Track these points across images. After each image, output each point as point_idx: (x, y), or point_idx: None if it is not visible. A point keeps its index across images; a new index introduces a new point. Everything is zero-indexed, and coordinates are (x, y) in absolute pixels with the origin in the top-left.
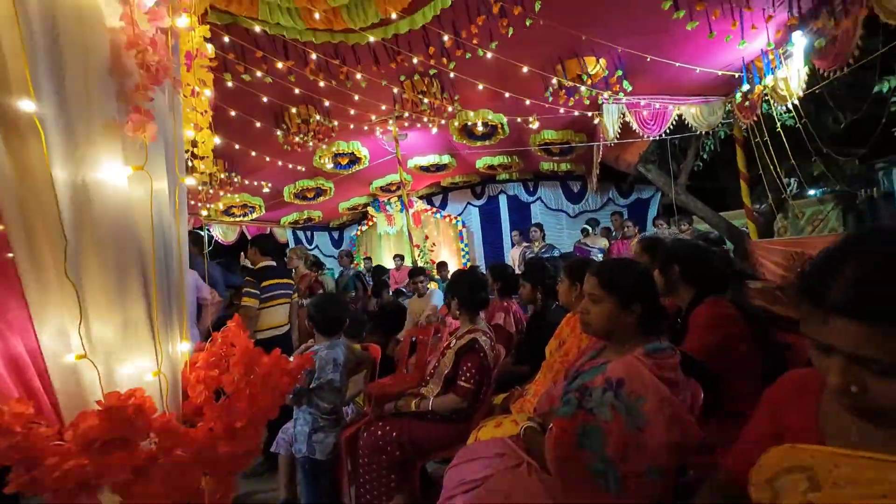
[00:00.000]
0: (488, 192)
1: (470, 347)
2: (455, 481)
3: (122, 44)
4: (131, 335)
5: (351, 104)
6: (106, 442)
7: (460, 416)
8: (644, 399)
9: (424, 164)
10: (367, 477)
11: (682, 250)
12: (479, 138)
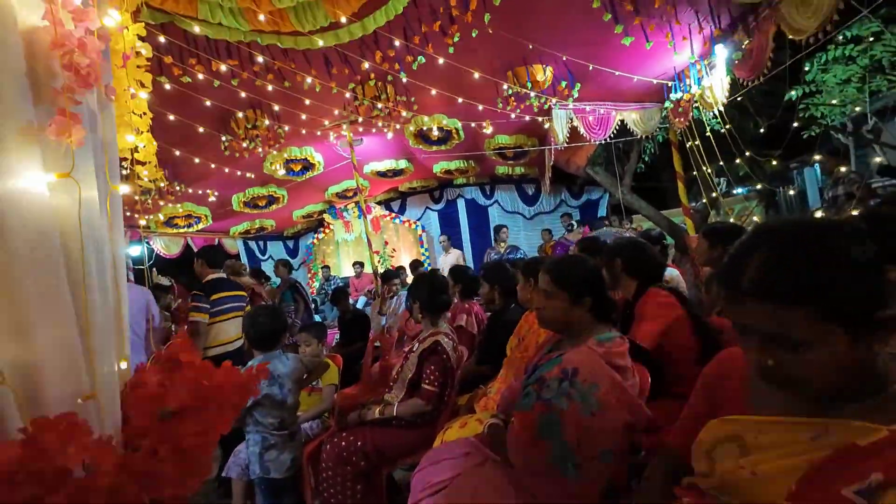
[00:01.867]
0: (446, 196)
1: (433, 350)
2: (422, 485)
3: (43, 44)
4: (57, 357)
5: (302, 109)
6: (31, 474)
7: (425, 419)
8: (597, 386)
9: (381, 169)
10: (332, 491)
11: (623, 245)
12: (436, 143)
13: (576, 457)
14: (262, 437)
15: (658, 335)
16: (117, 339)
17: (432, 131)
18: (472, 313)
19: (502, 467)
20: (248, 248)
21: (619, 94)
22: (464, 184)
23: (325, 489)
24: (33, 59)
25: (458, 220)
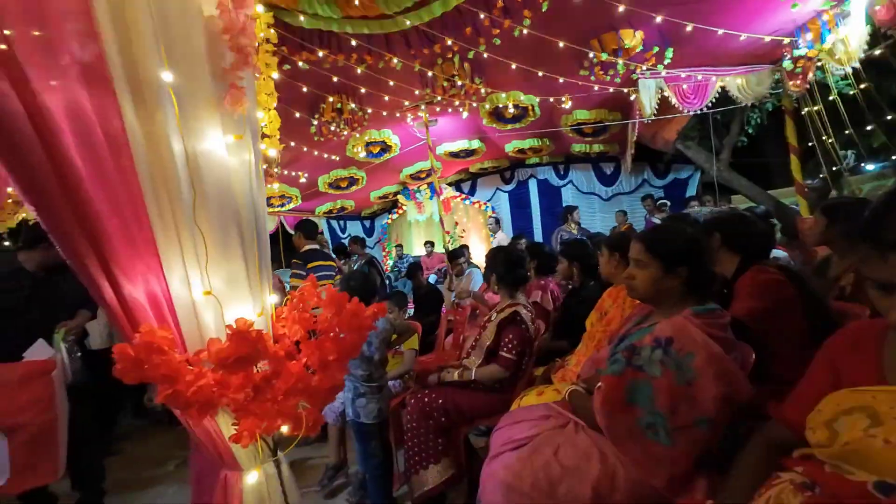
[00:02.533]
0: (518, 176)
1: (511, 320)
2: (502, 440)
3: (216, 29)
4: (233, 286)
5: (385, 90)
6: (234, 361)
7: (502, 385)
8: (693, 355)
9: (454, 149)
10: (416, 440)
11: (723, 218)
12: (510, 121)
13: (669, 424)
14: (353, 385)
15: (759, 314)
16: (267, 277)
17: (507, 109)
18: (547, 290)
19: (585, 430)
20: (330, 226)
21: (722, 57)
22: (536, 163)
23: (409, 438)
24: (211, 43)
25: (529, 200)
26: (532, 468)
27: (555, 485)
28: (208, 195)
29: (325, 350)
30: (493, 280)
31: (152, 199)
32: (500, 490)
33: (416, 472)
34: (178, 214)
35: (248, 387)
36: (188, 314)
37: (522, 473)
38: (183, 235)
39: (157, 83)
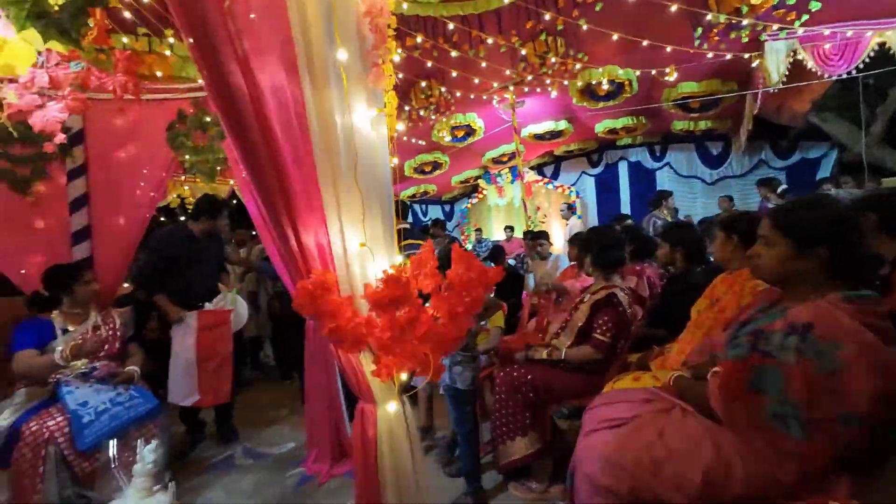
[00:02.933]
0: (606, 159)
1: (608, 302)
2: (598, 418)
3: (360, 13)
4: (374, 242)
5: (475, 72)
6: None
7: (594, 367)
8: (840, 344)
9: (539, 131)
10: (504, 412)
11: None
12: (602, 98)
13: (804, 416)
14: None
15: None
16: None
17: (601, 85)
18: (643, 276)
19: (694, 416)
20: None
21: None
22: (628, 145)
23: (497, 409)
24: (358, 25)
25: (618, 185)
26: (634, 447)
27: (660, 465)
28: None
29: (455, 302)
30: (588, 261)
31: (319, 165)
32: (599, 463)
33: (502, 442)
34: (338, 178)
35: (391, 328)
36: (341, 263)
37: (624, 450)
38: (340, 196)
39: (325, 63)
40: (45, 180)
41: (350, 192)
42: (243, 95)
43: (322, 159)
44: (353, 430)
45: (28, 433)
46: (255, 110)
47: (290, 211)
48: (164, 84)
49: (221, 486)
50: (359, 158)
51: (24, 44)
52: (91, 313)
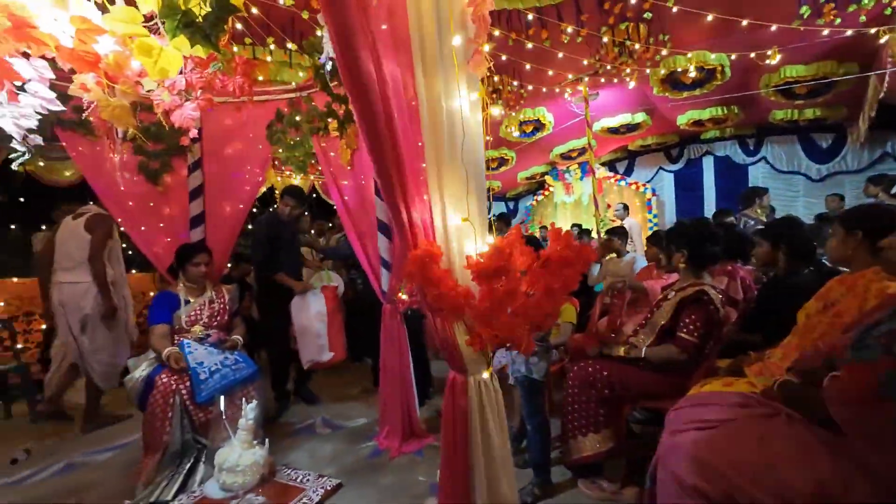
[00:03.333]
0: (689, 153)
1: (696, 299)
2: (685, 418)
3: (465, 2)
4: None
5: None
6: (492, 271)
7: (677, 368)
8: None
9: (613, 124)
10: (576, 406)
11: None
12: (688, 87)
13: None
14: None
15: None
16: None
17: (688, 73)
18: (736, 277)
19: (805, 424)
20: None
21: None
22: (716, 138)
23: (569, 404)
24: (462, 16)
25: (701, 182)
26: (730, 450)
27: (760, 472)
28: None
29: (551, 279)
30: (680, 255)
31: (426, 145)
32: (688, 462)
33: (573, 437)
34: (441, 158)
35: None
36: (442, 238)
37: (717, 453)
38: (443, 175)
39: (434, 51)
40: (170, 172)
41: (453, 171)
42: (372, 80)
43: (429, 140)
44: (444, 400)
45: (160, 383)
46: (381, 93)
47: (402, 186)
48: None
49: (304, 449)
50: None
51: (174, 51)
52: (207, 288)
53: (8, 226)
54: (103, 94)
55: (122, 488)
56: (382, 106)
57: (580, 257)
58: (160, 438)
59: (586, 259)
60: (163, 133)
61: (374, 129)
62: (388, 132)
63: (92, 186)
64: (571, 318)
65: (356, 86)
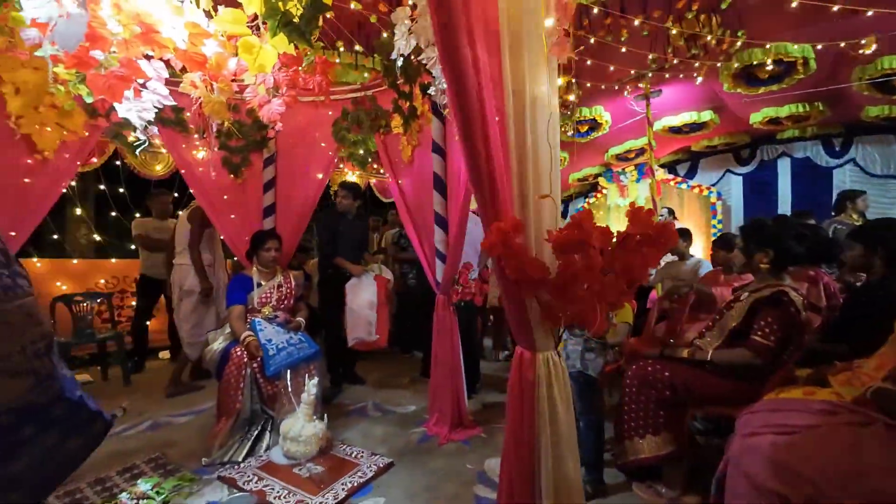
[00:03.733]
0: (762, 155)
1: (775, 301)
2: (761, 422)
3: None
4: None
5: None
6: (573, 243)
7: (749, 373)
8: None
9: (676, 123)
10: (633, 407)
11: None
12: (764, 82)
13: None
14: (584, 339)
15: None
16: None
17: (765, 66)
18: (818, 283)
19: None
20: None
21: None
22: (794, 137)
23: (626, 403)
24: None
25: (776, 186)
26: (818, 456)
27: (852, 478)
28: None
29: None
30: (760, 257)
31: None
32: (766, 465)
33: (629, 438)
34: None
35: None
36: (519, 213)
37: (801, 458)
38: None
39: (522, 35)
40: (248, 167)
41: (536, 149)
42: (468, 63)
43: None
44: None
45: (235, 356)
46: (476, 74)
47: (489, 167)
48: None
49: (357, 429)
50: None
51: (270, 48)
52: (277, 273)
53: (109, 213)
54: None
55: (198, 447)
56: (477, 85)
57: (662, 235)
58: (233, 406)
59: (669, 238)
60: (244, 129)
61: (466, 106)
62: (480, 109)
63: (184, 178)
64: (628, 318)
65: (451, 67)
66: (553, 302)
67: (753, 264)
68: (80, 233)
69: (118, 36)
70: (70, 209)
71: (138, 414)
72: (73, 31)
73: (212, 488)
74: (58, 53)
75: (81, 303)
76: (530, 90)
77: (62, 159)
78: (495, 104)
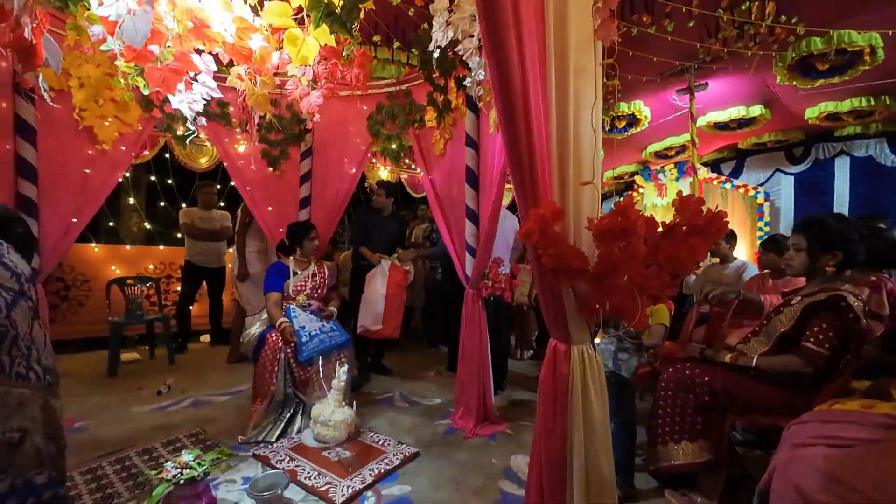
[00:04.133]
0: (818, 153)
1: (830, 306)
2: (811, 434)
3: None
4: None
5: (655, 50)
6: (617, 231)
7: (798, 381)
8: None
9: (722, 119)
10: (668, 411)
11: None
12: (823, 74)
13: None
14: (618, 339)
15: None
16: None
17: (826, 56)
18: (881, 289)
19: None
20: None
21: None
22: (856, 134)
23: (660, 407)
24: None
25: (832, 187)
26: (878, 471)
27: None
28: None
29: (675, 248)
30: (829, 259)
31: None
32: (818, 477)
33: (662, 443)
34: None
35: (606, 263)
36: (559, 200)
37: (861, 472)
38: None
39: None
40: (286, 159)
41: (579, 133)
42: (511, 44)
43: (553, 104)
44: (543, 370)
45: (270, 341)
46: (519, 55)
47: (531, 156)
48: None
49: (385, 418)
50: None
51: (313, 40)
52: (311, 263)
53: (158, 203)
54: (251, 83)
55: (235, 426)
56: (521, 74)
57: (712, 225)
58: (268, 388)
59: (719, 229)
60: (283, 122)
61: (510, 93)
62: (523, 97)
63: (227, 170)
64: (665, 319)
65: (497, 57)
66: (591, 293)
67: (816, 268)
68: (132, 220)
69: (173, 31)
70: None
71: (181, 392)
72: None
73: (247, 464)
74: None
75: (133, 286)
76: (574, 72)
77: (119, 151)
78: (538, 86)
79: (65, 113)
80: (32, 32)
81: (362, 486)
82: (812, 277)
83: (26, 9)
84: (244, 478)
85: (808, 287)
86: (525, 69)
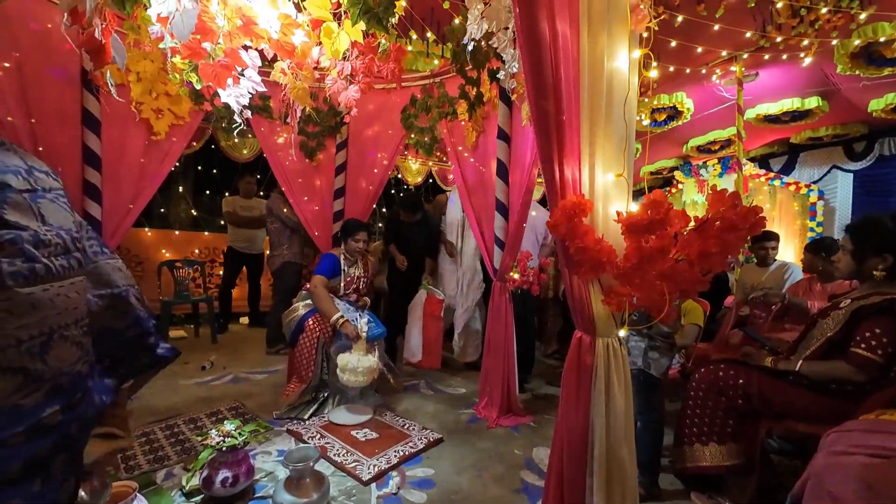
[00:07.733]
0: (880, 149)
1: (886, 310)
2: (852, 442)
3: None
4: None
5: (702, 39)
6: (647, 223)
7: (844, 388)
8: None
9: (773, 111)
10: (698, 412)
11: None
12: (891, 63)
13: None
14: (649, 337)
15: None
16: None
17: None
18: None
19: None
20: None
21: None
22: None
23: (690, 407)
24: None
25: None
26: None
27: None
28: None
29: (708, 243)
30: (879, 262)
31: (585, 100)
32: (857, 488)
33: (689, 444)
34: (597, 114)
35: (635, 256)
36: (588, 194)
37: None
38: (596, 132)
39: (600, 11)
40: (323, 151)
41: (609, 127)
42: (545, 40)
43: (588, 94)
44: (567, 360)
45: (308, 328)
46: (553, 51)
47: (560, 149)
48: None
49: (411, 403)
50: (616, 95)
51: (345, 35)
52: (359, 262)
53: (203, 192)
54: (293, 77)
55: (270, 402)
56: (552, 63)
57: (747, 220)
58: (306, 373)
59: (755, 224)
60: (321, 115)
61: (542, 82)
62: (554, 87)
63: (268, 161)
64: (699, 319)
65: (529, 43)
66: (618, 286)
67: (865, 271)
68: (180, 207)
69: (223, 29)
70: (174, 186)
71: (222, 368)
72: (186, 22)
73: (281, 438)
74: (176, 45)
75: (180, 268)
76: (608, 64)
77: (171, 142)
78: (573, 77)
79: (124, 106)
80: (102, 33)
81: (387, 466)
82: (864, 282)
83: (97, 11)
84: (279, 450)
85: (858, 291)
86: (558, 61)
